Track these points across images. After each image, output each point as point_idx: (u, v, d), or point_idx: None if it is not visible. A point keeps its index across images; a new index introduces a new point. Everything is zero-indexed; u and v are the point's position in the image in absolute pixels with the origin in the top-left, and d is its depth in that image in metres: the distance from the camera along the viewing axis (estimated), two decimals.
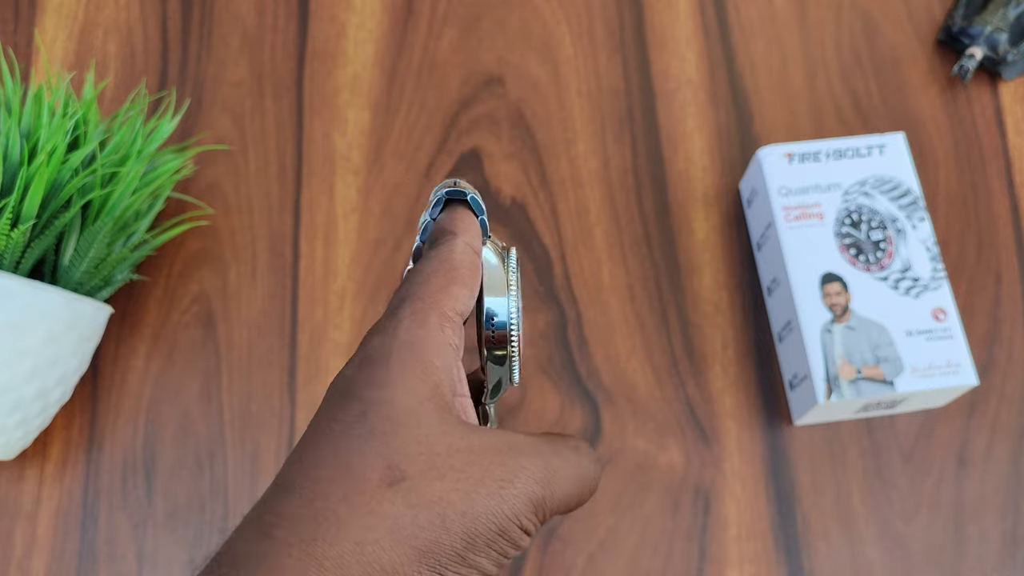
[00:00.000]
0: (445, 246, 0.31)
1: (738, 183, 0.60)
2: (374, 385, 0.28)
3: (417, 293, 0.30)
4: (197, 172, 0.59)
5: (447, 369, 0.29)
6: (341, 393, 0.29)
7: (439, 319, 0.30)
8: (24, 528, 0.52)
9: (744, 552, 0.52)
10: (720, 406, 0.55)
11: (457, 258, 0.31)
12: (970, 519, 0.53)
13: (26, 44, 0.62)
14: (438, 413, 0.28)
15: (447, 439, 0.28)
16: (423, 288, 0.30)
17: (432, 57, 0.63)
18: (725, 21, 0.63)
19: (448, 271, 0.30)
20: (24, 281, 0.46)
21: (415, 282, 0.30)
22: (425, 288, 0.30)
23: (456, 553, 0.27)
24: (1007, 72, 0.61)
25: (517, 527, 0.28)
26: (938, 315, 0.52)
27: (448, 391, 0.29)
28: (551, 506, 0.29)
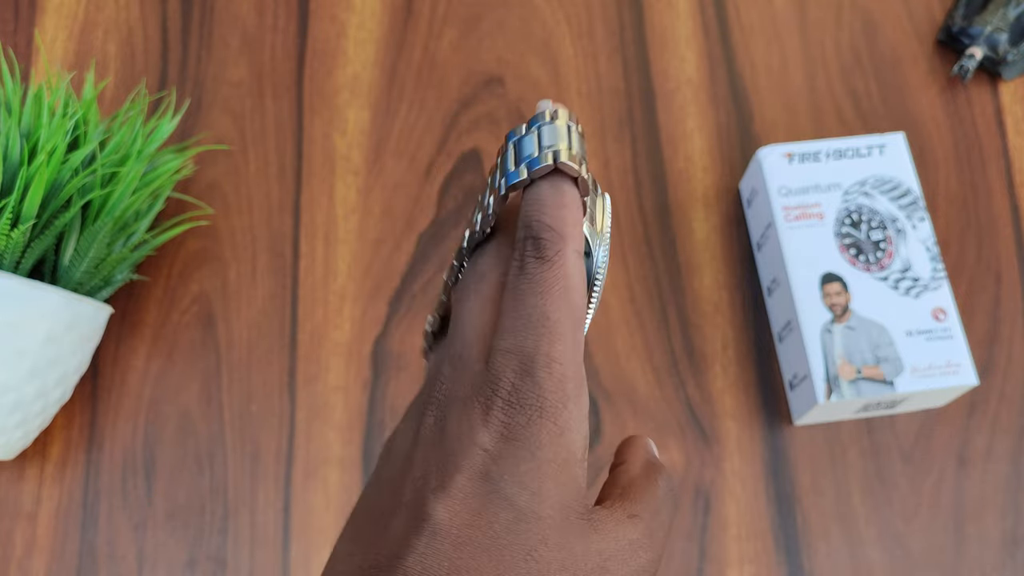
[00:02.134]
0: (554, 265, 0.24)
1: (738, 183, 0.60)
2: (524, 489, 0.23)
3: (550, 352, 0.23)
4: (197, 172, 0.59)
5: (583, 450, 0.24)
6: (482, 477, 0.23)
7: (578, 386, 0.24)
8: (24, 528, 0.52)
9: (744, 552, 0.52)
10: (720, 406, 0.55)
11: (577, 287, 0.24)
12: (970, 519, 0.53)
13: (26, 44, 0.62)
14: (579, 524, 0.24)
15: (584, 562, 0.24)
16: (555, 346, 0.23)
17: (432, 57, 0.63)
18: (725, 21, 0.63)
19: (573, 315, 0.24)
20: (24, 281, 0.46)
21: (542, 334, 0.23)
22: (559, 346, 0.23)
23: None
24: (1007, 72, 0.61)
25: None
26: (938, 315, 0.52)
27: (584, 481, 0.24)
28: (659, 559, 0.26)
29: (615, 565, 0.23)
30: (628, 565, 0.24)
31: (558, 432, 0.23)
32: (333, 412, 0.55)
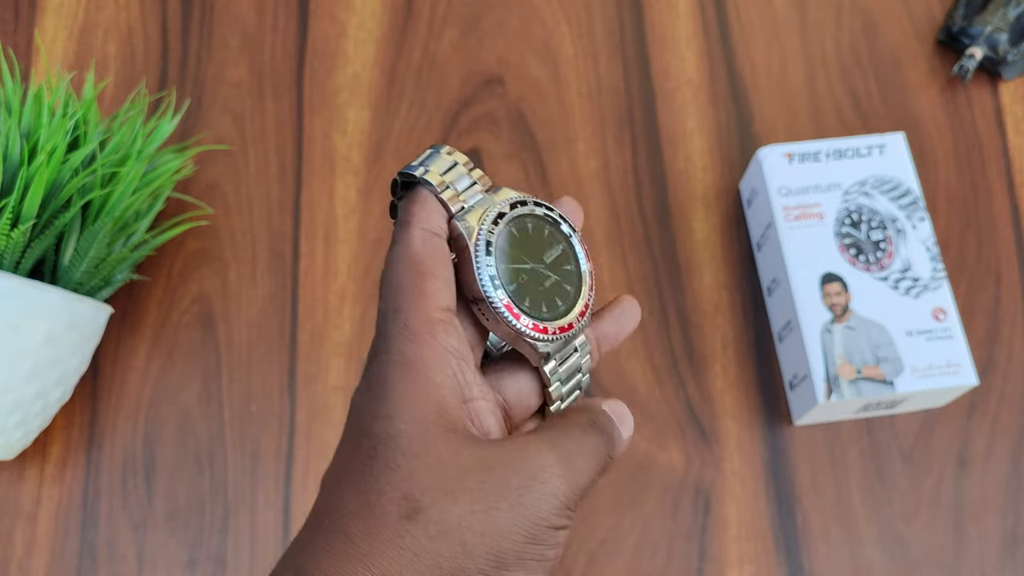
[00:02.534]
0: (401, 241, 0.30)
1: (738, 183, 0.60)
2: (379, 417, 0.28)
3: (394, 304, 0.29)
4: (197, 172, 0.59)
5: (449, 380, 0.29)
6: (354, 426, 0.29)
7: (427, 327, 0.29)
8: (24, 528, 0.52)
9: (744, 552, 0.52)
10: (720, 406, 0.55)
11: (417, 251, 0.30)
12: (970, 519, 0.53)
13: (26, 44, 0.62)
14: (445, 435, 0.28)
15: (458, 461, 0.27)
16: (398, 297, 0.29)
17: (432, 57, 0.63)
18: (725, 21, 0.63)
19: (413, 269, 0.29)
20: (24, 281, 0.46)
21: (388, 291, 0.30)
22: (400, 296, 0.29)
23: (484, 574, 0.27)
24: (1007, 72, 0.61)
25: (548, 528, 0.28)
26: (938, 315, 0.52)
27: (454, 404, 0.29)
28: (577, 492, 0.29)
29: (503, 473, 0.27)
30: (527, 479, 0.27)
31: (403, 362, 0.28)
32: (333, 412, 0.55)
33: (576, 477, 0.29)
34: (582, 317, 0.32)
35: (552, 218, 0.33)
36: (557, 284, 0.32)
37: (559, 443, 0.29)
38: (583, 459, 0.29)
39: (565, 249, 0.33)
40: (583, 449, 0.30)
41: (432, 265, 0.30)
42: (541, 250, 0.33)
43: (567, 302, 0.32)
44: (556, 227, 0.33)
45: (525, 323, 0.31)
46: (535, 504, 0.27)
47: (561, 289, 0.33)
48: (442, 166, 0.32)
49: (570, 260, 0.33)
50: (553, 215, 0.33)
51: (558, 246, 0.33)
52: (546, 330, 0.32)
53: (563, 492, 0.28)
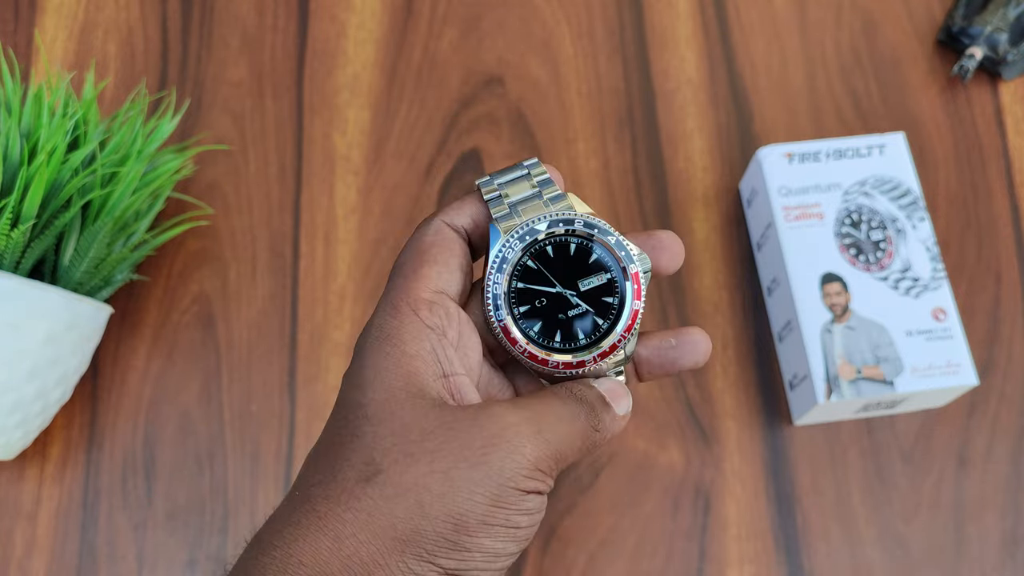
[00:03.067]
0: (417, 230, 0.31)
1: (738, 183, 0.60)
2: (352, 387, 0.29)
3: (390, 285, 0.30)
4: (197, 172, 0.59)
5: (424, 353, 0.29)
6: (337, 400, 0.30)
7: (411, 304, 0.29)
8: (24, 528, 0.52)
9: (744, 552, 0.52)
10: (720, 406, 0.55)
11: (427, 240, 0.30)
12: (970, 519, 0.53)
13: (26, 44, 0.62)
14: (411, 401, 0.28)
15: (421, 424, 0.27)
16: (395, 278, 0.30)
17: (432, 57, 0.63)
18: (725, 21, 0.63)
19: (418, 255, 0.30)
20: (24, 281, 0.46)
21: (392, 275, 0.30)
22: (397, 277, 0.30)
23: (443, 538, 0.26)
24: (1007, 72, 0.61)
25: (513, 490, 0.27)
26: (938, 315, 0.52)
27: (428, 375, 0.28)
28: (550, 456, 0.28)
29: (466, 434, 0.27)
30: (491, 438, 0.27)
31: (380, 335, 0.29)
32: None
33: (548, 440, 0.28)
34: (602, 358, 0.30)
35: (611, 244, 0.30)
36: (586, 315, 0.30)
37: (530, 406, 0.29)
38: (557, 423, 0.29)
39: (611, 280, 0.30)
40: (557, 413, 0.29)
41: (437, 253, 0.30)
42: (577, 275, 0.30)
43: (592, 336, 0.30)
44: (610, 254, 0.30)
45: (522, 349, 0.30)
46: (499, 463, 0.27)
47: (589, 321, 0.30)
48: (510, 174, 0.31)
49: (613, 292, 0.30)
50: (604, 240, 0.30)
51: (602, 275, 0.30)
52: (545, 362, 0.30)
53: (530, 452, 0.27)
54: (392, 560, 0.26)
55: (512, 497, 0.27)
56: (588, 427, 0.30)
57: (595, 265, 0.30)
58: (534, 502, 0.28)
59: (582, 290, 0.30)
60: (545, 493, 0.28)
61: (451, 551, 0.26)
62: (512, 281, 0.30)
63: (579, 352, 0.30)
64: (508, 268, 0.30)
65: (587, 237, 0.30)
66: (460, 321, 0.30)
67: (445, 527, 0.26)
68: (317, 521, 0.26)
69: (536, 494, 0.28)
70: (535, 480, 0.28)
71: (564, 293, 0.30)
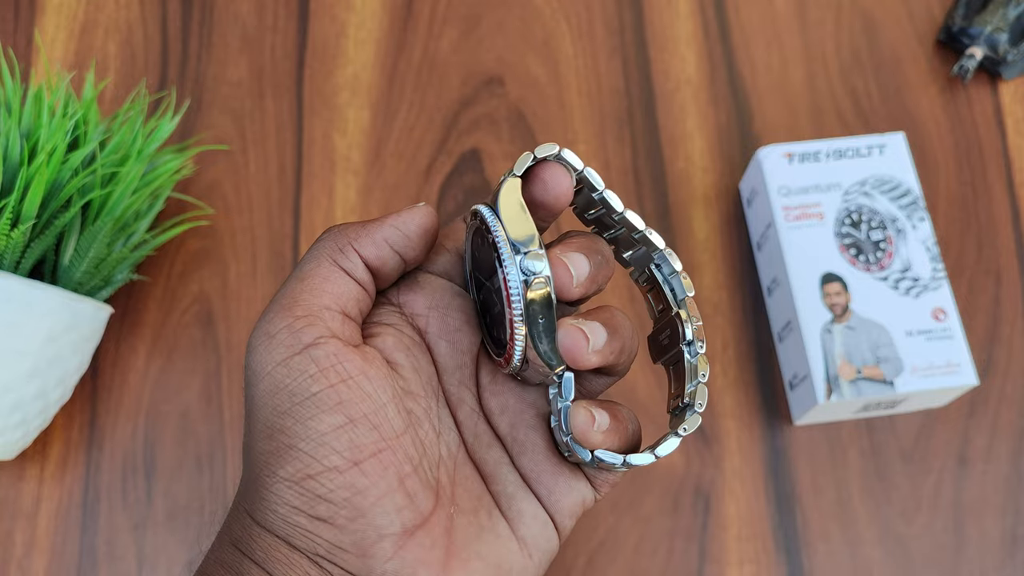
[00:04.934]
0: None
1: (738, 183, 0.60)
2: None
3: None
4: (197, 172, 0.59)
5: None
6: None
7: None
8: (24, 528, 0.52)
9: (744, 552, 0.52)
10: (720, 406, 0.55)
11: None
12: (970, 519, 0.53)
13: (26, 44, 0.62)
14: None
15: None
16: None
17: (432, 57, 0.63)
18: (725, 21, 0.63)
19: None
20: (24, 281, 0.46)
21: None
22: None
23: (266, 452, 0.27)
24: (1007, 72, 0.61)
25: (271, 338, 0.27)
26: (938, 315, 0.52)
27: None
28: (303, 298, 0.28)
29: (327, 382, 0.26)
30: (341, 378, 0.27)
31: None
32: None
33: (269, 309, 0.28)
34: (506, 363, 0.27)
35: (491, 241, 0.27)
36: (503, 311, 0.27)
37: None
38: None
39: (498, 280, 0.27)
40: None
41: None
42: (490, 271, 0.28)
43: (504, 335, 0.27)
44: (494, 246, 0.27)
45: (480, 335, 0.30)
46: (249, 361, 0.27)
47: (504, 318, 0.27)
48: None
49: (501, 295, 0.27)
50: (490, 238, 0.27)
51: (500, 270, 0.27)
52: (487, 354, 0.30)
53: (258, 326, 0.27)
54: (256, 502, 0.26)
55: (280, 372, 0.26)
56: None
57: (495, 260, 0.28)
58: (307, 360, 0.26)
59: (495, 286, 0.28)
60: (326, 338, 0.27)
61: (279, 457, 0.26)
62: (473, 271, 0.29)
63: (503, 348, 0.28)
64: (467, 259, 0.30)
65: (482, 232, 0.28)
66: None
67: (263, 443, 0.26)
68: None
69: (307, 349, 0.27)
70: (286, 342, 0.27)
71: (489, 286, 0.28)
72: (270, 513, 0.26)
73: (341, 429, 0.26)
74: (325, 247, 0.29)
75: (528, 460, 0.29)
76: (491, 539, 0.28)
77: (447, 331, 0.30)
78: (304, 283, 0.28)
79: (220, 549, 0.27)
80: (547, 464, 0.29)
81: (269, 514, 0.26)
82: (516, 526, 0.28)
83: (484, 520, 0.28)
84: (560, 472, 0.29)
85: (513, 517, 0.28)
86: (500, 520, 0.28)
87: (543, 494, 0.29)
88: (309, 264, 0.28)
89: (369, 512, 0.25)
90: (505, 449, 0.30)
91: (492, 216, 0.27)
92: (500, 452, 0.30)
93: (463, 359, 0.30)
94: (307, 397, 0.26)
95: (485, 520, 0.28)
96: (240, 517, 0.27)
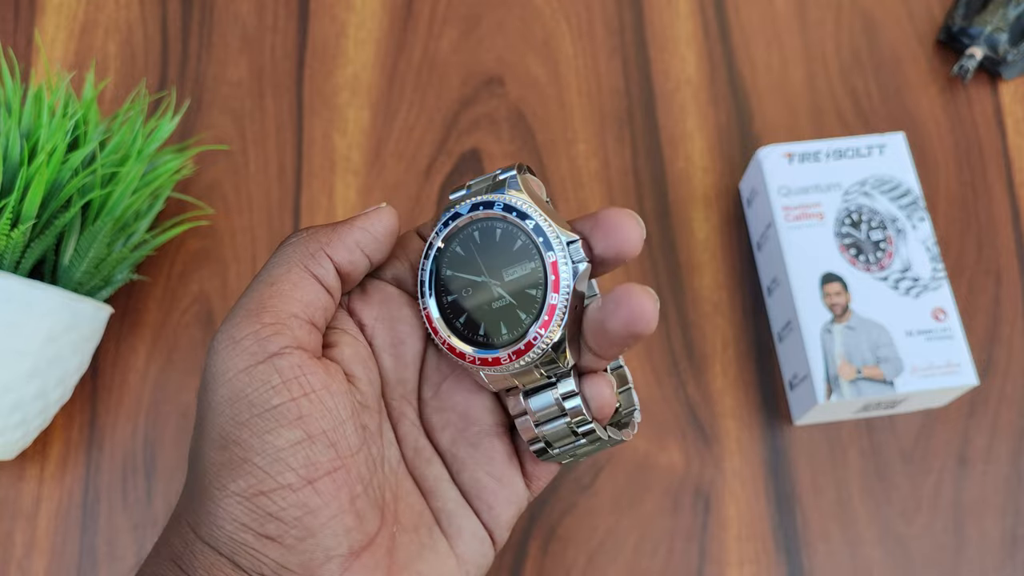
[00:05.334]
0: None
1: (738, 183, 0.60)
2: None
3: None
4: (197, 172, 0.59)
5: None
6: None
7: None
8: (24, 528, 0.52)
9: (744, 552, 0.52)
10: (720, 406, 0.55)
11: None
12: (970, 519, 0.53)
13: (26, 44, 0.62)
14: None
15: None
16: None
17: (432, 57, 0.63)
18: (725, 21, 0.63)
19: None
20: (24, 281, 0.46)
21: None
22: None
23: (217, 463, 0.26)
24: (1007, 72, 0.61)
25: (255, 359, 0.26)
26: (938, 315, 0.52)
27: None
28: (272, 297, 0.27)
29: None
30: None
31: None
32: None
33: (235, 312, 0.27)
34: (517, 356, 0.27)
35: (529, 229, 0.27)
36: (509, 308, 0.27)
37: None
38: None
39: (535, 269, 0.27)
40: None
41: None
42: (503, 264, 0.28)
43: (513, 332, 0.27)
44: (531, 241, 0.27)
45: (442, 339, 0.28)
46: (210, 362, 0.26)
47: (512, 314, 0.27)
48: (483, 181, 0.29)
49: (537, 284, 0.27)
50: (521, 224, 0.27)
51: (527, 263, 0.27)
52: (463, 355, 0.28)
53: (223, 329, 0.26)
54: (201, 516, 0.25)
55: (241, 380, 0.26)
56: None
57: (520, 252, 0.28)
58: (270, 370, 0.25)
59: (506, 279, 0.28)
60: (291, 348, 0.26)
61: (231, 470, 0.25)
62: (444, 269, 0.28)
63: (499, 348, 0.27)
64: (432, 254, 0.29)
65: (504, 220, 0.28)
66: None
67: (214, 453, 0.25)
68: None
69: (271, 358, 0.26)
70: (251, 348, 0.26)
71: (488, 282, 0.28)
72: (216, 529, 0.25)
73: (299, 445, 0.25)
74: (296, 252, 0.28)
75: (468, 476, 0.29)
76: (431, 558, 0.28)
77: (393, 344, 0.29)
78: (273, 288, 0.27)
79: (157, 564, 0.26)
80: (488, 480, 0.29)
81: (215, 530, 0.25)
82: (455, 543, 0.28)
83: (425, 538, 0.28)
84: (500, 487, 0.29)
85: (453, 534, 0.28)
86: (440, 538, 0.28)
87: (483, 509, 0.29)
88: (279, 268, 0.27)
89: (319, 532, 0.25)
90: (445, 464, 0.29)
91: (528, 205, 0.27)
92: (440, 468, 0.29)
93: (405, 372, 0.29)
94: (267, 409, 0.25)
95: (426, 538, 0.28)
96: (181, 531, 0.26)
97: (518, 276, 0.28)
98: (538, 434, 0.28)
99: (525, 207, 0.27)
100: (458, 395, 0.30)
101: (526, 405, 0.28)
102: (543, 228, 0.27)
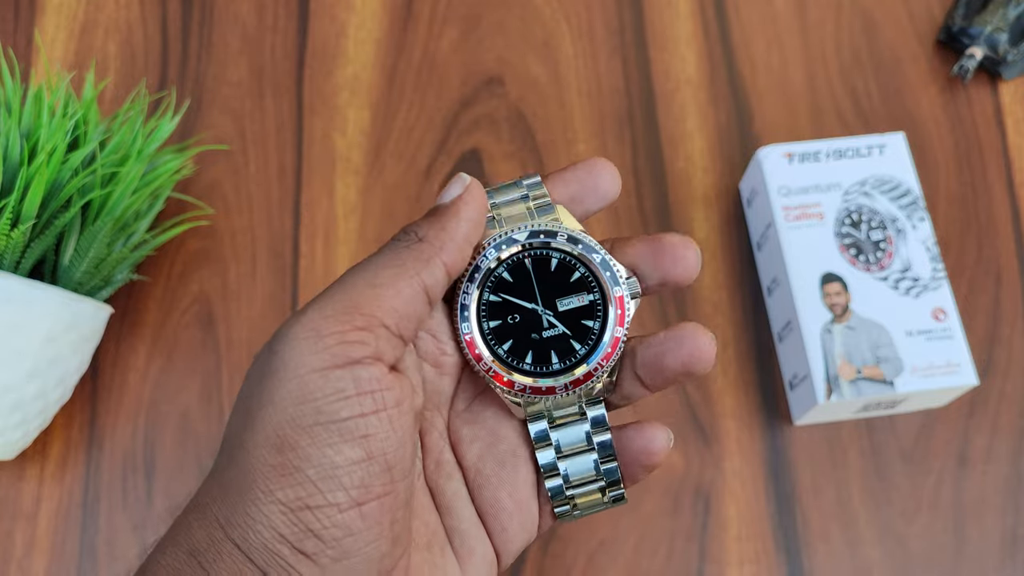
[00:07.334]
0: None
1: (738, 183, 0.60)
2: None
3: None
4: (197, 172, 0.59)
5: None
6: None
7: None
8: (24, 528, 0.52)
9: (744, 552, 0.52)
10: (720, 406, 0.55)
11: None
12: (970, 519, 0.53)
13: (26, 44, 0.62)
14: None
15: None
16: None
17: (432, 57, 0.63)
18: (725, 21, 0.63)
19: None
20: (24, 281, 0.46)
21: None
22: None
23: (268, 465, 0.24)
24: (1007, 72, 0.61)
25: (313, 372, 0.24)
26: (938, 315, 0.52)
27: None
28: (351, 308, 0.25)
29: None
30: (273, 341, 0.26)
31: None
32: None
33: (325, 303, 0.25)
34: (574, 386, 0.27)
35: (596, 263, 0.27)
36: (562, 338, 0.27)
37: None
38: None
39: (593, 302, 0.28)
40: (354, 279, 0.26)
41: None
42: (557, 294, 0.28)
43: (567, 361, 0.27)
44: (592, 274, 0.28)
45: (487, 367, 0.27)
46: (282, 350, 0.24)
47: (565, 345, 0.27)
48: (506, 194, 0.29)
49: (594, 315, 0.28)
50: (588, 257, 0.28)
51: (584, 295, 0.28)
52: (510, 384, 0.27)
53: (307, 318, 0.25)
54: (236, 515, 0.24)
55: (314, 381, 0.24)
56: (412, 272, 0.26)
57: (577, 284, 0.28)
58: (347, 378, 0.24)
59: (560, 310, 0.28)
60: (372, 359, 0.24)
61: (282, 476, 0.24)
62: (485, 293, 0.28)
63: (549, 377, 0.27)
64: (479, 278, 0.28)
65: (569, 253, 0.28)
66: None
67: (266, 452, 0.24)
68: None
69: (352, 366, 0.24)
70: (333, 349, 0.24)
71: (540, 311, 0.28)
72: (252, 534, 0.24)
73: (357, 465, 0.24)
74: (410, 256, 0.26)
75: (490, 495, 0.28)
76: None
77: (435, 353, 0.28)
78: (375, 291, 0.25)
79: (173, 555, 0.25)
80: (508, 502, 0.28)
81: (250, 534, 0.24)
82: (465, 565, 0.28)
83: (437, 557, 0.27)
84: (518, 510, 0.28)
85: (464, 555, 0.28)
86: (451, 558, 0.28)
87: (496, 531, 0.28)
88: (388, 271, 0.25)
89: (355, 555, 0.24)
90: (465, 481, 0.29)
91: (591, 239, 0.28)
92: (459, 483, 0.28)
93: (443, 383, 0.29)
94: (334, 420, 0.24)
95: (438, 558, 0.27)
96: (207, 524, 0.25)
97: (574, 307, 0.28)
98: (560, 471, 0.28)
99: (590, 240, 0.28)
100: (490, 410, 0.29)
101: (554, 437, 0.28)
102: (610, 263, 0.27)
